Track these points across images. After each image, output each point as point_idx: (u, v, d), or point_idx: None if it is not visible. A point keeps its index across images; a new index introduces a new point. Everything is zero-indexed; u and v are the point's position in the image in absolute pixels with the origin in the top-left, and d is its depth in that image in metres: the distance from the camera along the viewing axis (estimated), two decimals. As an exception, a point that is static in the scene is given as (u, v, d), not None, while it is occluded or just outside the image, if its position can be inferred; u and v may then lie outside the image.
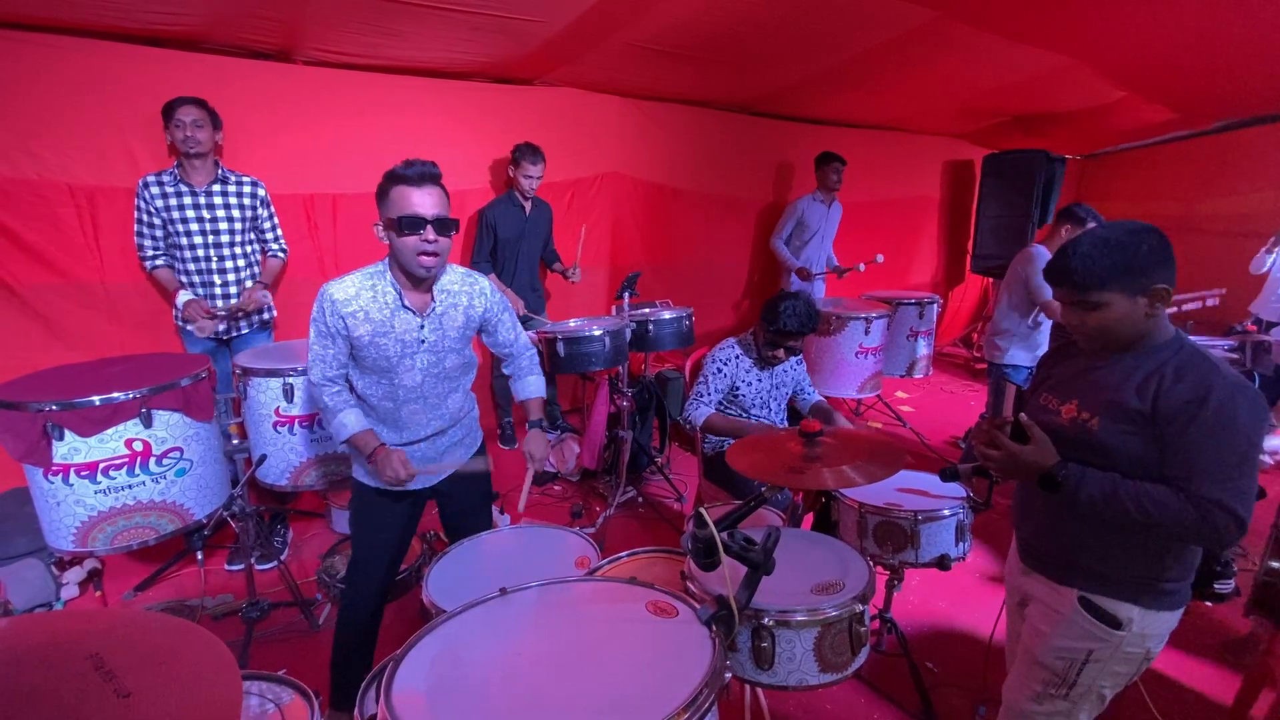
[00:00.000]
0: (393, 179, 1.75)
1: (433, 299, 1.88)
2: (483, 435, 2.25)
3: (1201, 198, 6.25)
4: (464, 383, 2.09)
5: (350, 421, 1.88)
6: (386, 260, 1.85)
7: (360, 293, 1.81)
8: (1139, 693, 2.02)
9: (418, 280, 1.84)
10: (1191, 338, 1.42)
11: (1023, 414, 1.43)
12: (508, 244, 3.96)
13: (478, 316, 2.01)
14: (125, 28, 2.86)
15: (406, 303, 1.84)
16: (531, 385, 2.21)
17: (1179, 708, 2.27)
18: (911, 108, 5.45)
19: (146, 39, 2.97)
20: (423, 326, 1.87)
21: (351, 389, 1.95)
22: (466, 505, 2.19)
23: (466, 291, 1.96)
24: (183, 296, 2.86)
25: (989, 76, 4.51)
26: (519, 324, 2.19)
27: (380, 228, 1.79)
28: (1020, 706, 1.59)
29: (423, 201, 1.74)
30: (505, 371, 2.24)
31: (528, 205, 3.97)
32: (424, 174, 1.75)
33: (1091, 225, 3.36)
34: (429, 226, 1.74)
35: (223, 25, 2.98)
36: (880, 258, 4.68)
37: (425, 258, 1.76)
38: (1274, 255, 4.35)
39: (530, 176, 3.82)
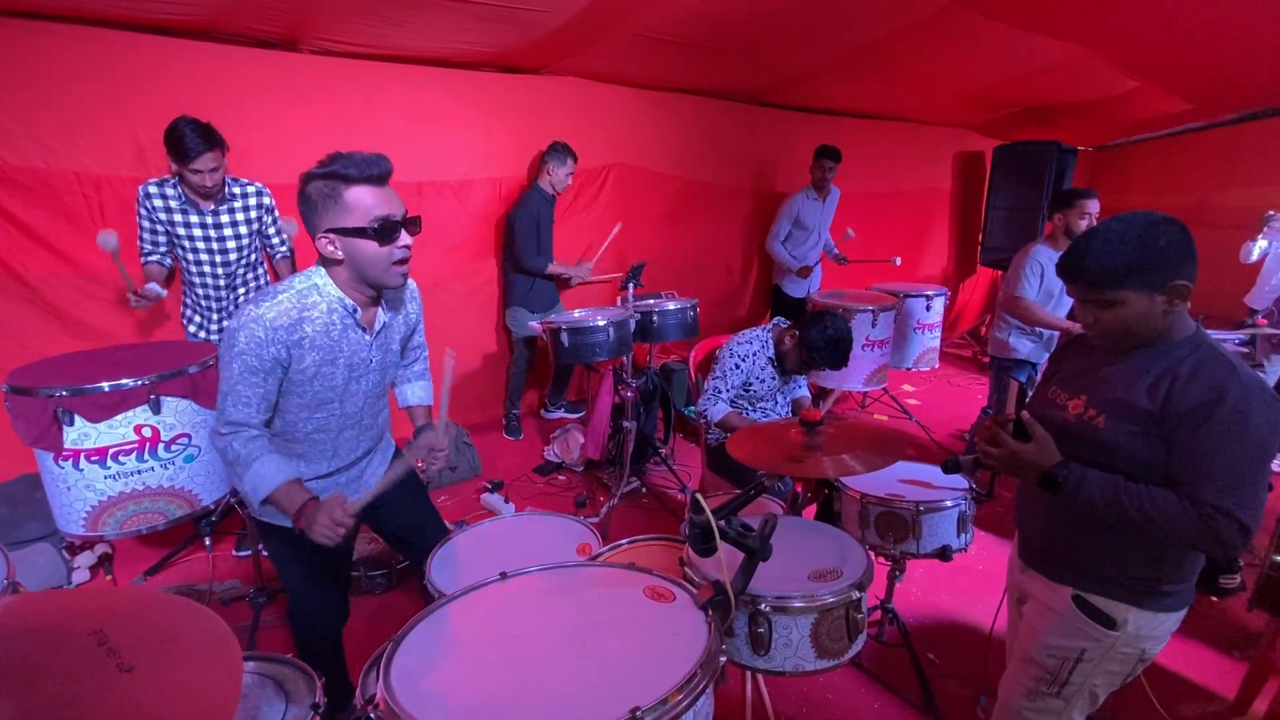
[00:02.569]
0: (344, 180, 1.43)
1: (381, 311, 1.64)
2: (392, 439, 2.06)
3: (1216, 189, 6.18)
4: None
5: (270, 472, 1.52)
6: (321, 273, 1.55)
7: (302, 315, 1.51)
8: (1140, 685, 2.01)
9: (383, 293, 1.61)
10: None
11: (1024, 412, 1.39)
12: (546, 236, 4.11)
13: (413, 322, 1.82)
14: (133, 17, 2.88)
15: (360, 320, 1.58)
16: (424, 389, 2.00)
17: (1181, 700, 2.27)
18: (922, 98, 5.40)
19: (154, 28, 2.98)
20: (371, 346, 1.64)
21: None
22: (406, 513, 1.98)
23: (403, 298, 1.76)
24: (149, 287, 2.71)
25: (1000, 67, 4.47)
26: None
27: (328, 240, 1.47)
28: (1013, 703, 1.58)
29: (391, 201, 1.47)
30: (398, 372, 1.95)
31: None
32: (386, 171, 1.47)
33: (1083, 202, 3.16)
34: (403, 230, 1.49)
35: (230, 15, 2.98)
36: (898, 260, 4.67)
37: (402, 266, 1.52)
38: (1263, 243, 4.24)
39: (572, 174, 4.08)
